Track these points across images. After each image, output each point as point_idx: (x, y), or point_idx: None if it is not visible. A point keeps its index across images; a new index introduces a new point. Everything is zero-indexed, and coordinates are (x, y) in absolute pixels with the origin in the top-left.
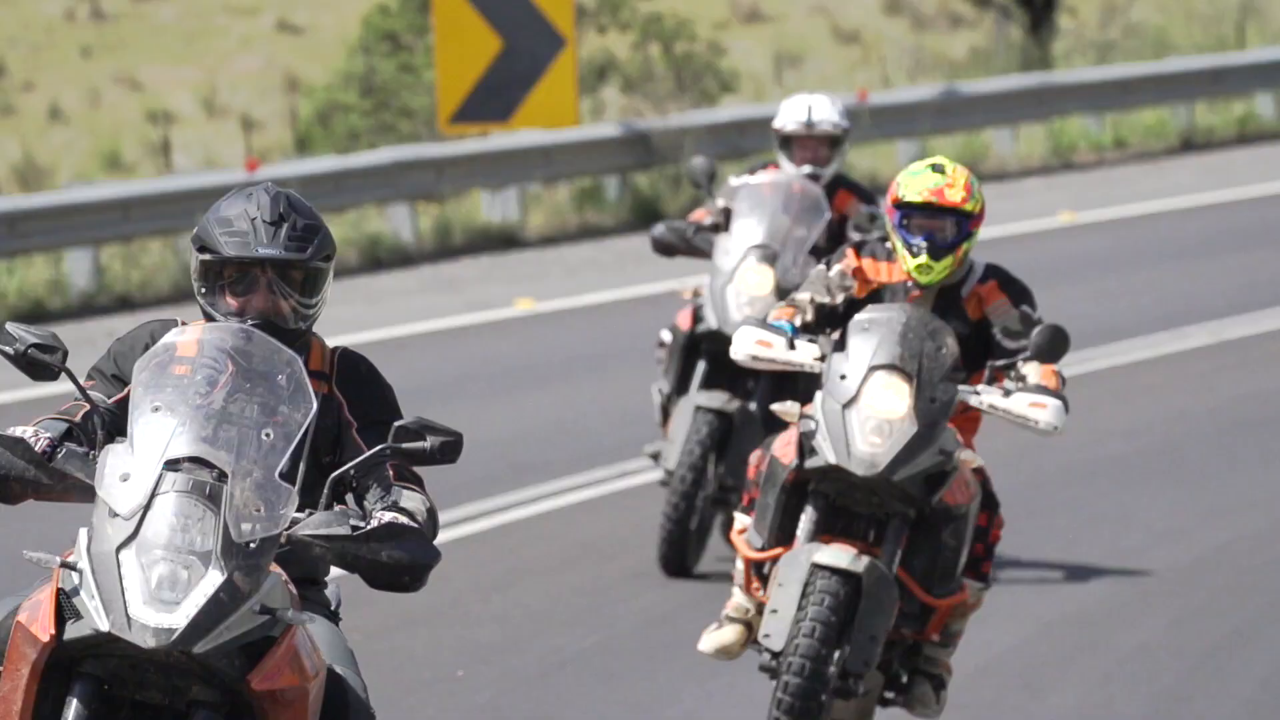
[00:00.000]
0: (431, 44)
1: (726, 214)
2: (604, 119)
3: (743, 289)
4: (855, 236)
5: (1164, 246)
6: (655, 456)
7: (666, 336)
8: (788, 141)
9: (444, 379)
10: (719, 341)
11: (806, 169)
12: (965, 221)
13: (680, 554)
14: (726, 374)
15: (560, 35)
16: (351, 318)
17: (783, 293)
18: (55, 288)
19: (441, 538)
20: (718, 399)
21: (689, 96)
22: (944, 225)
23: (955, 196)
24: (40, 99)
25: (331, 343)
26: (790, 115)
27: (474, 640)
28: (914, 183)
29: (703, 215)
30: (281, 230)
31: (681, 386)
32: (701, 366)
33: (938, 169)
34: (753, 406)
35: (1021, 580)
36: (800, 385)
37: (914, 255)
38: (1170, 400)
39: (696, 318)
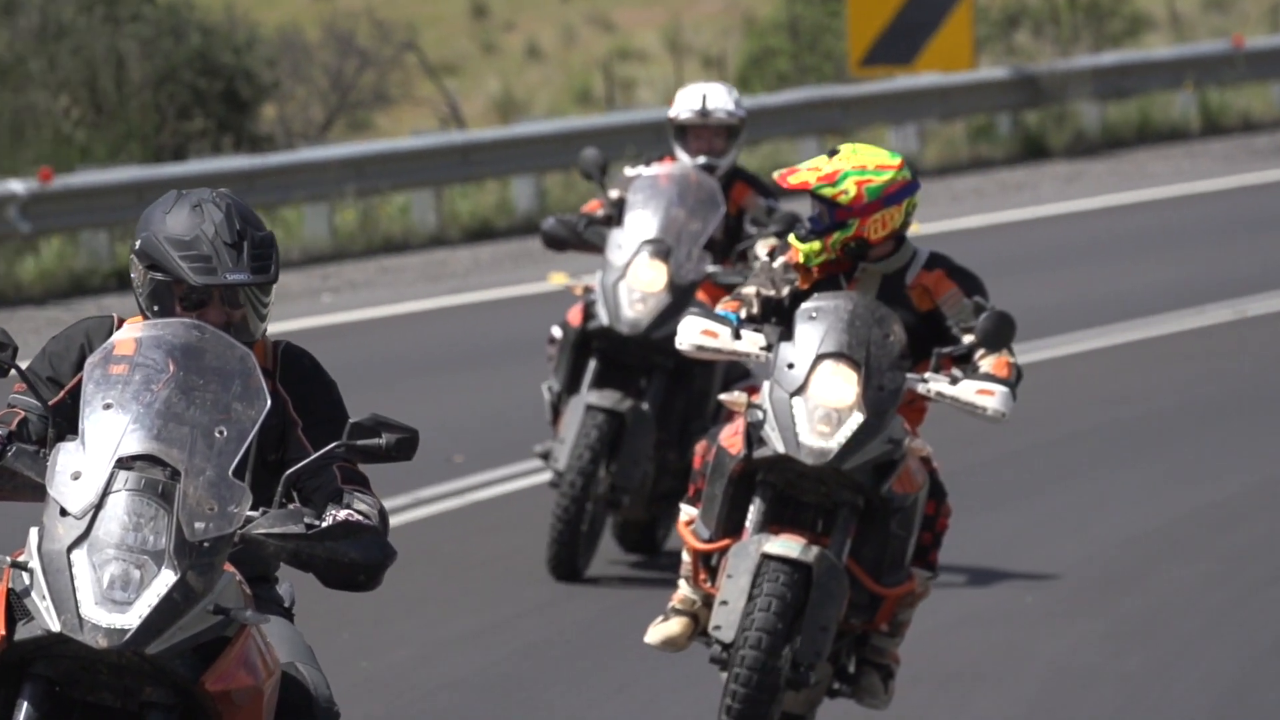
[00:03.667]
0: None
1: (619, 205)
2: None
3: (635, 285)
4: (752, 230)
5: None
6: (545, 457)
7: (557, 333)
8: (683, 131)
9: None
10: (611, 339)
11: (701, 159)
12: (833, 211)
13: (570, 557)
14: (618, 373)
15: None
16: None
17: (676, 289)
18: (502, 210)
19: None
20: (609, 398)
21: (1090, 40)
22: (824, 211)
23: (796, 180)
24: (519, 38)
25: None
26: (684, 104)
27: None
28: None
29: (595, 207)
30: (244, 251)
31: (572, 385)
32: (593, 365)
33: (831, 154)
34: (645, 406)
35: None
36: (695, 385)
37: None
38: None
39: (588, 314)
